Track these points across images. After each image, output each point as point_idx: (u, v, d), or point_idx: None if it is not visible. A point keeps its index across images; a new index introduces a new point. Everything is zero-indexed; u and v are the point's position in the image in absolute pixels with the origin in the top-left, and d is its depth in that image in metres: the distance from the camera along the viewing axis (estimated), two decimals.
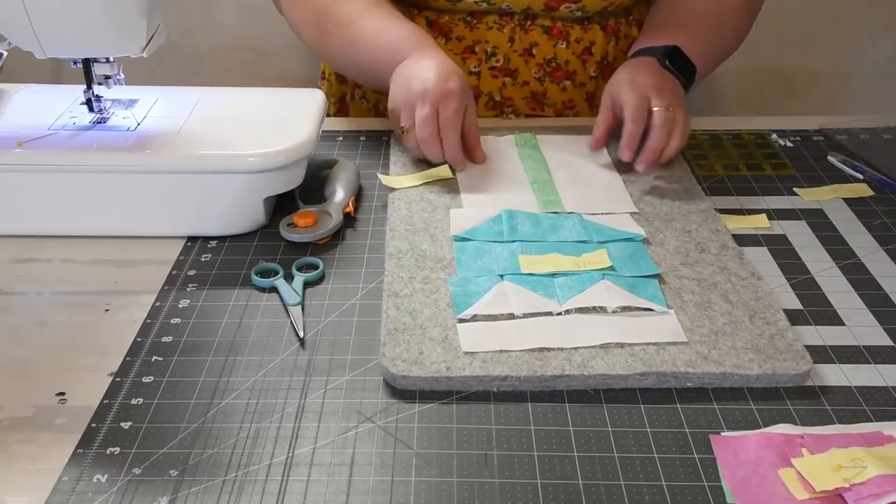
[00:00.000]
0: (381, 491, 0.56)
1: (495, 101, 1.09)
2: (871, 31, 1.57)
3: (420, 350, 0.65)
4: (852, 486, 0.55)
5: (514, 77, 1.08)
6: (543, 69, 1.08)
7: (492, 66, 1.08)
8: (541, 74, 1.08)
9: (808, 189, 0.90)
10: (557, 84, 1.09)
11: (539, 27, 1.06)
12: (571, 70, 1.09)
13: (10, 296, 0.75)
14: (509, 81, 1.08)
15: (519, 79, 1.08)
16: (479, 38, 1.06)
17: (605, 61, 1.10)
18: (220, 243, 0.81)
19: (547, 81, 1.08)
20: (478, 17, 1.06)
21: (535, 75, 1.08)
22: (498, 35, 1.06)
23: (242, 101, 0.89)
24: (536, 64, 1.07)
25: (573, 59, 1.08)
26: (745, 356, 0.65)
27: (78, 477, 0.57)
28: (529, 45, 1.06)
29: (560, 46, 1.07)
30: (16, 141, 0.79)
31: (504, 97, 1.09)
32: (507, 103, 1.09)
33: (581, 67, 1.09)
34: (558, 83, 1.09)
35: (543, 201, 0.85)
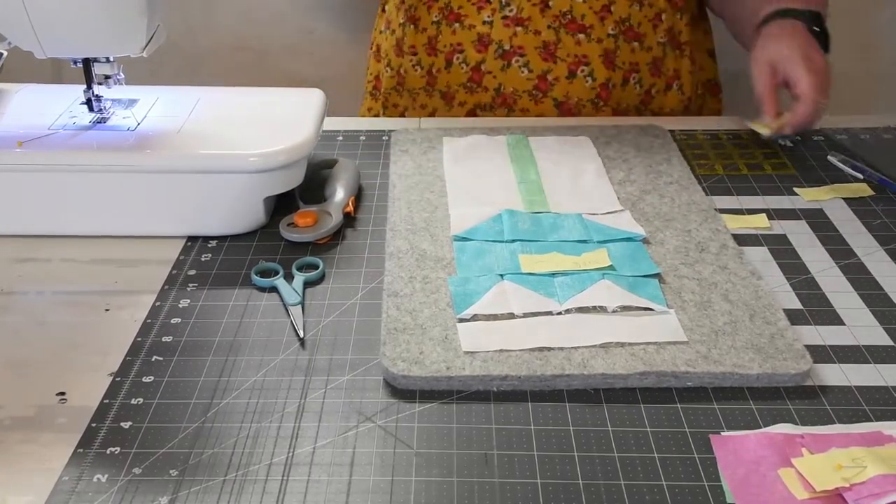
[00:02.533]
0: (381, 491, 0.56)
1: (504, 51, 1.08)
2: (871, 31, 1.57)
3: (420, 350, 0.65)
4: (852, 486, 0.55)
5: (525, 27, 1.07)
6: (559, 20, 1.07)
7: (504, 16, 1.07)
8: (556, 25, 1.07)
9: (808, 189, 0.90)
10: (572, 36, 1.07)
11: None
12: (588, 24, 1.07)
13: (11, 295, 0.75)
14: (521, 31, 1.07)
15: (531, 27, 1.07)
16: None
17: (626, 23, 1.08)
18: (220, 243, 0.81)
19: (561, 32, 1.07)
20: None
21: (550, 25, 1.07)
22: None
23: (242, 101, 0.89)
24: (552, 15, 1.07)
25: (590, 14, 1.07)
26: (745, 356, 0.65)
27: (78, 477, 0.57)
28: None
29: (577, 1, 1.06)
30: (16, 141, 0.79)
31: (514, 46, 1.08)
32: (516, 52, 1.08)
33: (598, 23, 1.07)
34: (573, 35, 1.07)
35: (529, 201, 0.85)
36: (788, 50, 0.96)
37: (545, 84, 1.09)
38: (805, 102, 0.93)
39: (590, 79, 1.08)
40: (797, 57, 0.95)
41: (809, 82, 0.93)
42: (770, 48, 0.97)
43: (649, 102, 1.12)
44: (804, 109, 0.93)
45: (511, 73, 1.09)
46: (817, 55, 0.96)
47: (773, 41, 0.98)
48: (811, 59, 0.95)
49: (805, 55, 0.95)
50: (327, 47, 1.34)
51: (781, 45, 0.97)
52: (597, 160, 0.93)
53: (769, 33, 0.99)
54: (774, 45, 0.97)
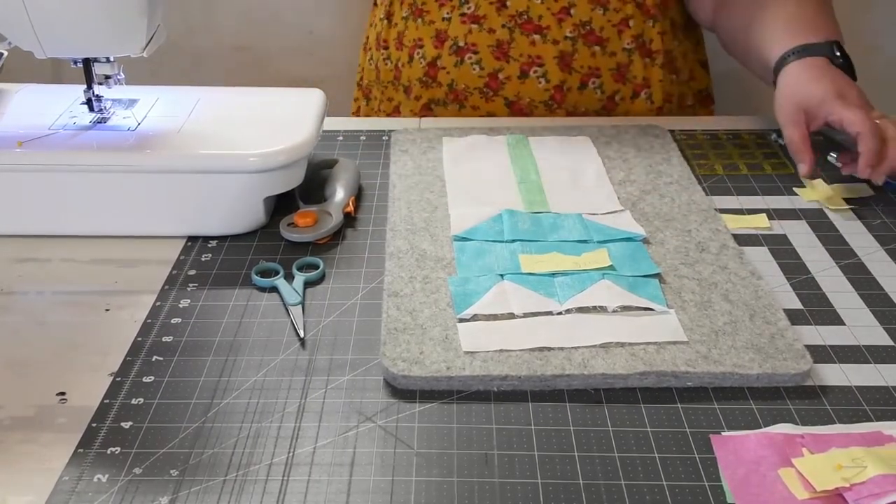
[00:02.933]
0: (381, 491, 0.56)
1: (459, 47, 1.08)
2: (870, 31, 1.57)
3: (420, 350, 0.65)
4: (852, 486, 0.55)
5: (480, 24, 1.07)
6: (515, 20, 1.07)
7: (462, 13, 1.08)
8: (511, 24, 1.07)
9: (808, 189, 0.90)
10: (527, 36, 1.07)
11: None
12: (545, 25, 1.07)
13: (11, 295, 0.75)
14: (476, 28, 1.07)
15: (485, 25, 1.07)
16: None
17: (586, 26, 1.07)
18: (220, 243, 0.81)
19: (516, 32, 1.07)
20: None
21: (505, 24, 1.07)
22: None
23: (242, 101, 0.89)
24: (508, 15, 1.07)
25: (547, 15, 1.07)
26: (746, 356, 0.65)
27: (78, 477, 0.57)
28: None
29: (535, 1, 1.06)
30: (16, 141, 0.79)
31: (468, 43, 1.08)
32: (470, 49, 1.08)
33: (556, 25, 1.07)
34: (527, 35, 1.07)
35: (529, 201, 0.85)
36: (821, 92, 0.90)
37: (496, 83, 1.09)
38: (865, 141, 0.86)
39: (543, 80, 1.08)
40: (831, 98, 0.89)
41: (858, 118, 0.87)
42: (799, 93, 0.91)
43: (613, 109, 1.11)
44: (868, 147, 0.85)
45: (464, 70, 1.09)
46: (851, 90, 0.91)
47: (801, 85, 0.91)
48: (845, 95, 0.89)
49: (838, 93, 0.89)
50: (327, 47, 1.34)
51: (811, 88, 0.91)
52: (597, 160, 0.93)
53: (793, 75, 0.93)
54: (803, 89, 0.91)
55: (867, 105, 0.90)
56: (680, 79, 1.14)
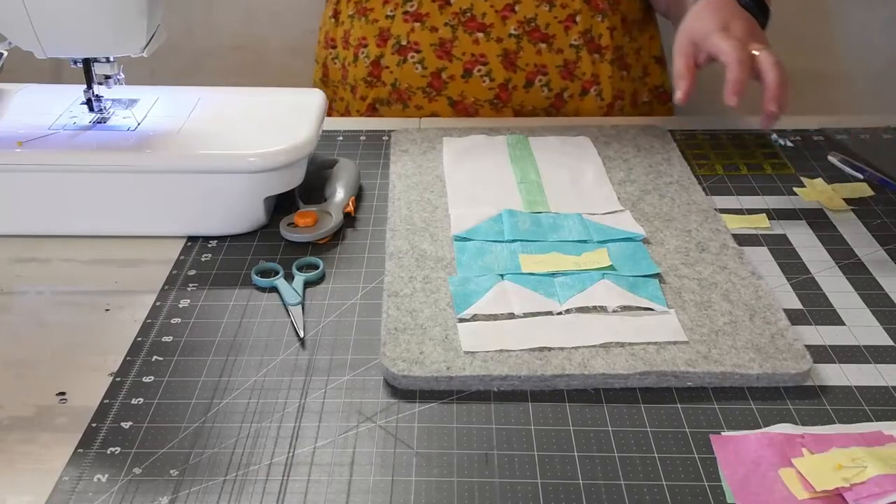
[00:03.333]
0: (381, 491, 0.56)
1: (401, 46, 1.08)
2: (871, 31, 1.57)
3: (420, 350, 0.65)
4: (852, 486, 0.55)
5: (423, 22, 1.07)
6: (458, 18, 1.06)
7: (405, 11, 1.07)
8: (454, 22, 1.06)
9: (808, 189, 0.90)
10: (469, 35, 1.06)
11: None
12: (488, 23, 1.06)
13: (11, 296, 0.75)
14: (418, 27, 1.07)
15: (428, 24, 1.07)
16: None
17: (531, 23, 1.06)
18: (220, 243, 0.81)
19: (459, 30, 1.06)
20: None
21: (448, 22, 1.06)
22: None
23: (242, 101, 0.89)
24: (452, 12, 1.06)
25: (491, 13, 1.06)
26: (746, 356, 0.65)
27: (78, 477, 0.57)
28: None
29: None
30: (16, 141, 0.79)
31: (411, 42, 1.08)
32: (412, 48, 1.08)
33: (500, 22, 1.06)
34: (470, 33, 1.06)
35: (529, 201, 0.85)
36: (708, 25, 0.91)
37: (439, 82, 1.08)
38: (731, 69, 0.86)
39: (487, 79, 1.08)
40: (715, 30, 0.90)
41: (730, 48, 0.87)
42: (691, 26, 0.93)
43: (561, 106, 1.10)
44: (733, 76, 0.86)
45: (406, 69, 1.08)
46: (737, 23, 0.91)
47: (695, 18, 0.93)
48: (729, 28, 0.90)
49: (723, 26, 0.90)
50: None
51: (702, 22, 0.91)
52: (597, 160, 0.93)
53: (693, 12, 0.95)
54: (695, 23, 0.92)
55: (750, 38, 0.89)
56: (632, 75, 1.14)
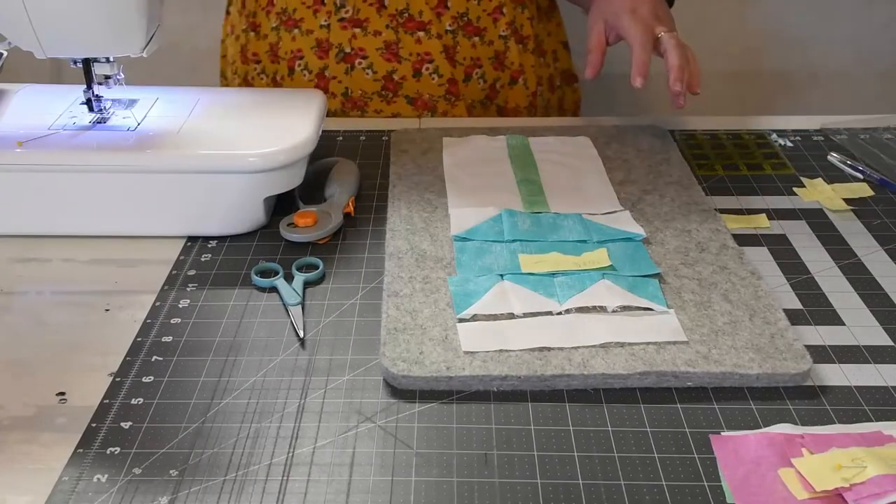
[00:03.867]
0: (381, 491, 0.56)
1: (346, 54, 1.07)
2: (870, 31, 1.57)
3: (420, 350, 0.65)
4: (852, 486, 0.55)
5: (364, 28, 1.06)
6: (397, 19, 1.06)
7: (341, 18, 1.07)
8: (394, 24, 1.06)
9: (808, 189, 0.90)
10: (411, 35, 1.06)
11: None
12: (426, 20, 1.06)
13: (11, 295, 0.75)
14: (360, 33, 1.07)
15: (370, 29, 1.06)
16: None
17: (464, 18, 1.07)
18: (220, 243, 0.81)
19: (401, 31, 1.06)
20: None
21: (388, 25, 1.06)
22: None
23: (242, 101, 0.89)
24: (389, 14, 1.06)
25: (427, 10, 1.06)
26: (746, 356, 0.65)
27: (78, 477, 0.57)
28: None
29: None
30: (16, 141, 0.79)
31: (355, 48, 1.07)
32: (358, 54, 1.07)
33: (436, 19, 1.06)
34: (412, 33, 1.06)
35: (529, 201, 0.85)
36: (618, 7, 0.95)
37: (393, 84, 1.08)
38: (635, 52, 0.91)
39: (436, 76, 1.08)
40: (624, 11, 0.94)
41: (636, 30, 0.92)
42: (602, 7, 0.97)
43: (495, 97, 1.12)
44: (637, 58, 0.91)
45: (356, 76, 1.08)
46: (644, 6, 0.95)
47: (605, 1, 0.97)
48: (636, 10, 0.94)
49: (632, 8, 0.94)
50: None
51: (612, 4, 0.96)
52: (597, 160, 0.93)
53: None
54: (606, 4, 0.97)
55: (656, 20, 0.94)
56: (546, 61, 1.16)
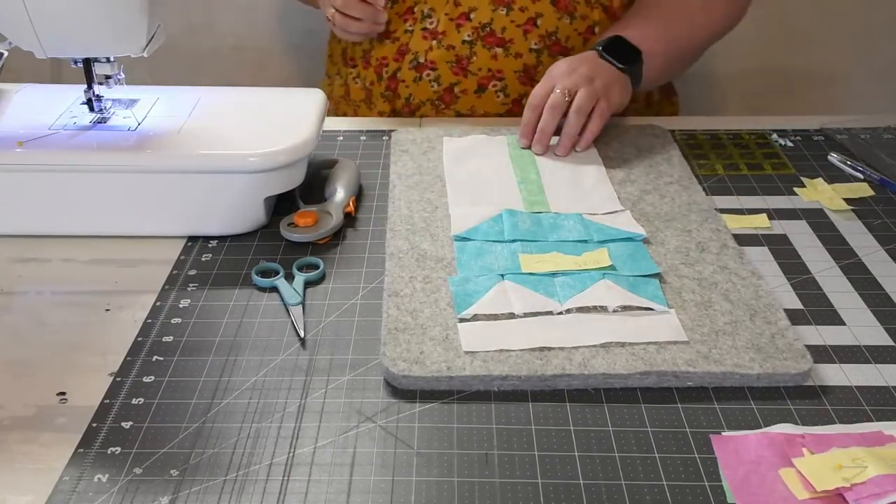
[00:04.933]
0: (381, 491, 0.56)
1: (419, 63, 1.08)
2: (871, 31, 1.57)
3: (420, 350, 0.65)
4: (853, 486, 0.55)
5: (439, 40, 1.07)
6: (477, 33, 1.06)
7: (424, 28, 1.07)
8: (472, 38, 1.06)
9: (808, 189, 0.90)
10: (488, 50, 1.06)
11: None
12: (508, 38, 1.06)
13: (11, 295, 0.75)
14: (435, 44, 1.07)
15: (444, 42, 1.06)
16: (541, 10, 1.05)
17: (552, 37, 1.06)
18: (220, 243, 0.81)
19: (478, 45, 1.06)
20: None
21: (466, 40, 1.06)
22: None
23: (242, 101, 0.89)
24: (471, 27, 1.06)
25: (511, 27, 1.05)
26: (746, 355, 0.65)
27: (79, 476, 0.57)
28: (468, 10, 1.05)
29: (500, 13, 1.05)
30: (16, 141, 0.79)
31: (428, 60, 1.07)
32: (429, 65, 1.08)
33: (521, 37, 1.06)
34: (489, 48, 1.06)
35: (529, 201, 0.85)
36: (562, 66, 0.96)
37: (450, 96, 1.08)
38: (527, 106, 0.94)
39: (501, 94, 1.08)
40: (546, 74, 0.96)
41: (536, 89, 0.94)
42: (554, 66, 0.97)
43: None
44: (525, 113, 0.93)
45: (422, 86, 1.08)
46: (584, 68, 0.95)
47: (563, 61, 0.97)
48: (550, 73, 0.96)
49: (548, 72, 0.96)
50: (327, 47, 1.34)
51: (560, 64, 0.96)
52: (597, 160, 0.93)
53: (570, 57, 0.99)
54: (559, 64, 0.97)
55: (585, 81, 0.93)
56: None
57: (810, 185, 0.91)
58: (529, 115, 0.94)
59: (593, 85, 0.93)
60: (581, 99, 0.92)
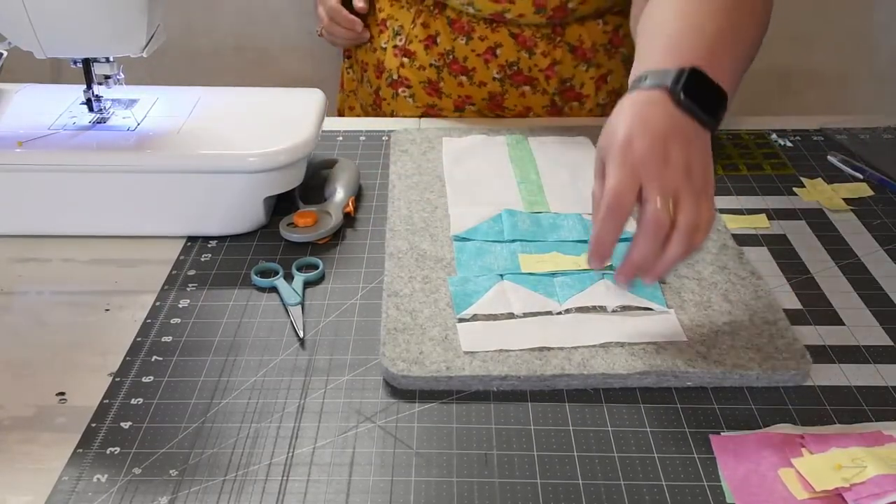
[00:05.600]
0: (381, 491, 0.56)
1: (393, 80, 1.09)
2: (871, 31, 1.57)
3: (420, 350, 0.65)
4: (852, 486, 0.55)
5: (411, 59, 1.08)
6: (444, 59, 1.06)
7: (395, 45, 1.08)
8: (501, 76, 1.06)
9: (807, 189, 0.90)
10: (454, 78, 1.06)
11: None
12: (471, 67, 1.06)
13: (11, 296, 0.75)
14: (407, 62, 1.08)
15: (476, 79, 1.07)
16: (500, 40, 1.04)
17: (513, 67, 1.05)
18: (220, 243, 0.81)
19: (445, 72, 1.06)
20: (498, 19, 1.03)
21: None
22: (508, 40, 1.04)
23: (242, 101, 0.89)
24: (437, 53, 1.06)
25: (472, 56, 1.05)
26: (745, 355, 0.65)
27: (78, 477, 0.57)
28: (435, 34, 1.06)
29: (460, 42, 1.05)
30: (16, 141, 0.79)
31: (401, 76, 1.09)
32: (404, 82, 1.09)
33: (483, 66, 1.05)
34: (455, 77, 1.06)
35: (529, 201, 0.85)
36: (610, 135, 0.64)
37: (434, 111, 1.09)
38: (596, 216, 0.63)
39: (478, 114, 1.09)
40: (617, 144, 0.62)
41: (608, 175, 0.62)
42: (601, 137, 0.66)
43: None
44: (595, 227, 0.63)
45: (400, 102, 1.10)
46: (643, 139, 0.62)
47: (605, 126, 0.66)
48: (630, 147, 0.62)
49: (626, 141, 0.62)
50: (327, 47, 1.34)
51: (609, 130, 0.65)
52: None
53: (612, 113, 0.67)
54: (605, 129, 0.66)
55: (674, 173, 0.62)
56: None
57: (810, 185, 0.91)
58: (610, 226, 0.62)
59: (692, 181, 0.62)
60: (688, 216, 0.60)
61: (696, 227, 0.61)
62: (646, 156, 0.61)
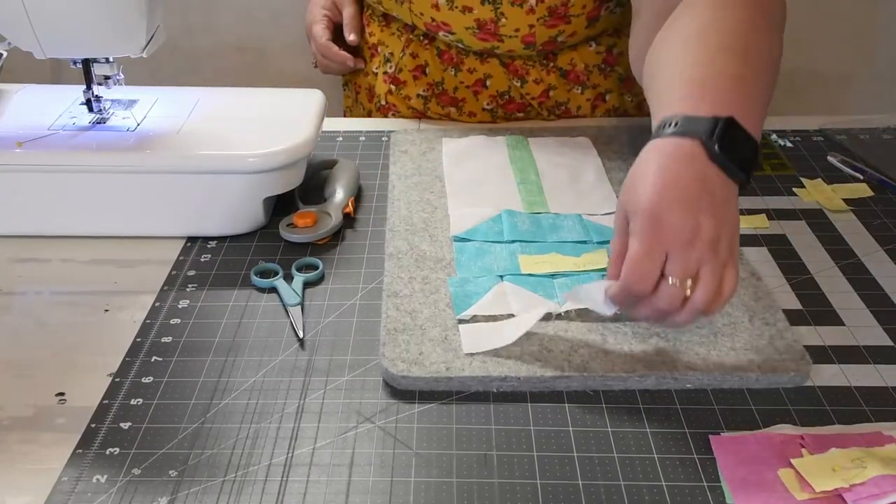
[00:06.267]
0: (380, 491, 0.56)
1: (381, 105, 1.10)
2: (871, 31, 1.57)
3: (420, 350, 0.65)
4: (852, 487, 0.55)
5: (399, 87, 1.07)
6: (433, 90, 1.06)
7: (385, 72, 1.08)
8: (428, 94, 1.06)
9: (807, 189, 0.90)
10: (443, 108, 1.06)
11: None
12: (461, 97, 1.06)
13: (11, 296, 0.75)
14: (395, 89, 1.08)
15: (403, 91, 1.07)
16: (490, 71, 1.04)
17: (504, 96, 1.05)
18: (219, 243, 0.81)
19: (433, 102, 1.06)
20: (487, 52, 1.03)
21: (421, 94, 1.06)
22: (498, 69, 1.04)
23: (242, 101, 0.89)
24: (426, 83, 1.06)
25: (461, 88, 1.05)
26: (745, 357, 0.65)
27: (77, 477, 0.57)
28: (424, 64, 1.05)
29: (449, 73, 1.04)
30: (16, 141, 0.79)
31: (389, 102, 1.09)
32: (392, 108, 1.09)
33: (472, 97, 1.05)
34: (443, 107, 1.06)
35: (528, 202, 0.85)
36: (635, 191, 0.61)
37: None
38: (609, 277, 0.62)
39: None
40: (644, 206, 0.59)
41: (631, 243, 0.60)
42: (625, 189, 0.63)
43: None
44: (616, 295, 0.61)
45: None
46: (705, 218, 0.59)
47: (631, 176, 0.63)
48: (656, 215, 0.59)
49: (653, 205, 0.59)
50: None
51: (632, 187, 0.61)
52: (597, 160, 0.93)
53: (641, 162, 0.63)
54: (628, 182, 0.63)
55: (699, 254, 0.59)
56: None
57: (810, 185, 0.90)
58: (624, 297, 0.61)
59: (718, 254, 0.59)
60: (705, 292, 0.59)
61: (713, 300, 0.59)
62: (675, 232, 0.58)
